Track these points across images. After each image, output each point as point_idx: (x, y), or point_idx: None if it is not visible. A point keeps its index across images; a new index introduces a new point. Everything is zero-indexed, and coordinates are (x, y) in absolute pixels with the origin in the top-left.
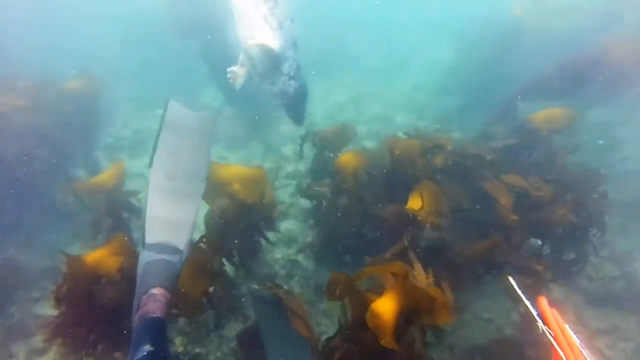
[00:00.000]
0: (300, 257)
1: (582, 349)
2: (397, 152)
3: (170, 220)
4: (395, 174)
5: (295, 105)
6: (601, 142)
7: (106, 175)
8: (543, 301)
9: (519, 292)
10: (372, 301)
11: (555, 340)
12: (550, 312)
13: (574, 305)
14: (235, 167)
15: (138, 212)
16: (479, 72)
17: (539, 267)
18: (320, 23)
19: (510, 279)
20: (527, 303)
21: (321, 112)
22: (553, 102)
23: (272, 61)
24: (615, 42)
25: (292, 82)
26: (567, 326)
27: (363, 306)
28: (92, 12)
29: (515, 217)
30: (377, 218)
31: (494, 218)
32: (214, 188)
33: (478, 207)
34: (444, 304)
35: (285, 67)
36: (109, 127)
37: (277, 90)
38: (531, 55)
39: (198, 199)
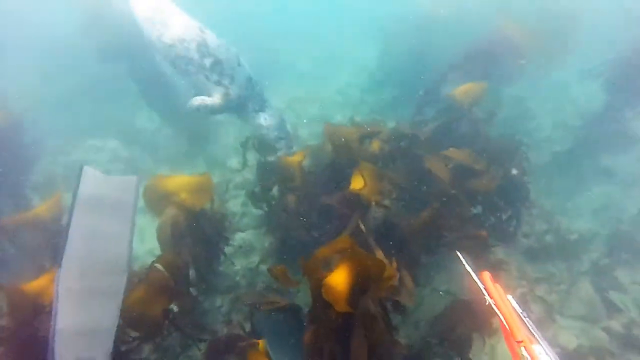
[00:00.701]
0: (261, 265)
1: (522, 317)
2: (336, 140)
3: (86, 330)
4: (337, 162)
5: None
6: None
7: (42, 208)
8: (486, 276)
9: (467, 267)
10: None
11: (498, 310)
12: (492, 285)
13: (515, 261)
14: (180, 176)
15: None
16: (405, 65)
17: (483, 233)
18: (253, 36)
19: (459, 254)
20: (475, 277)
21: None
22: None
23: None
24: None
25: (262, 114)
26: (509, 297)
27: (320, 285)
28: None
29: (454, 191)
30: (327, 209)
31: (436, 193)
32: (161, 200)
33: (418, 185)
34: (392, 272)
35: (250, 106)
36: (36, 165)
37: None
38: (447, 43)
39: (119, 295)
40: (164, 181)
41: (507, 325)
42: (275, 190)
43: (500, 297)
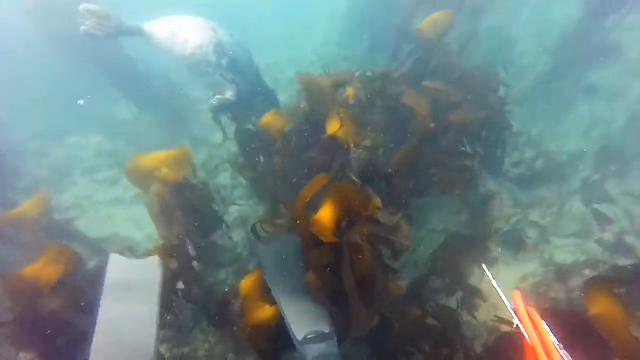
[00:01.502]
0: None
1: (558, 348)
2: (310, 90)
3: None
4: (313, 114)
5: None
6: None
7: (28, 204)
8: (517, 295)
9: (495, 285)
10: None
11: (526, 334)
12: (524, 307)
13: (508, 192)
14: (158, 153)
15: (74, 238)
16: (376, 11)
17: (467, 163)
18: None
19: (485, 269)
20: (502, 296)
21: None
22: None
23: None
24: None
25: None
26: (543, 323)
27: (307, 225)
28: None
29: (433, 125)
30: (311, 164)
31: (416, 129)
32: (144, 178)
33: (398, 124)
34: (376, 202)
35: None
36: (21, 169)
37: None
38: None
39: None
40: (144, 159)
41: (538, 352)
42: (261, 158)
43: (530, 320)
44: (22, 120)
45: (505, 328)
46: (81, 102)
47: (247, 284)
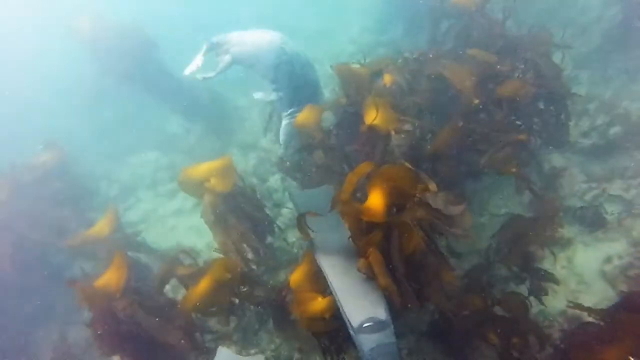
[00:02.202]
0: None
1: None
2: (348, 80)
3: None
4: (351, 104)
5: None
6: None
7: (101, 224)
8: None
9: None
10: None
11: None
12: None
13: (579, 165)
14: (204, 164)
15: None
16: None
17: (522, 137)
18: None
19: None
20: None
21: None
22: None
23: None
24: None
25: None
26: None
27: (356, 213)
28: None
29: (477, 101)
30: (353, 155)
31: (460, 106)
32: (196, 187)
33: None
34: (427, 185)
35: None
36: (94, 189)
37: None
38: None
39: None
40: (192, 171)
41: None
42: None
43: None
44: (87, 146)
45: (584, 315)
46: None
47: (296, 276)
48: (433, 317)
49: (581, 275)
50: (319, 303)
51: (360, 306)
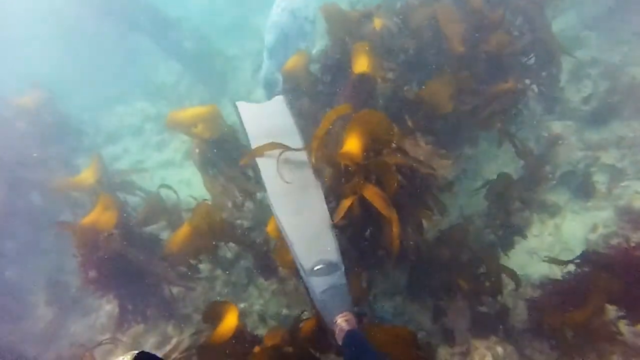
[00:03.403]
0: None
1: None
2: (334, 22)
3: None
4: (337, 49)
5: None
6: None
7: (86, 173)
8: None
9: None
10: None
11: None
12: None
13: (576, 132)
14: (191, 109)
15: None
16: None
17: (507, 86)
18: None
19: None
20: None
21: None
22: None
23: None
24: None
25: None
26: None
27: (335, 155)
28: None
29: (462, 49)
30: (340, 101)
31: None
32: (184, 130)
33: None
34: (400, 133)
35: None
36: (78, 138)
37: None
38: None
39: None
40: (179, 115)
41: None
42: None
43: None
44: (73, 89)
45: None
46: None
47: (273, 225)
48: (411, 275)
49: (566, 242)
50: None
51: (311, 249)
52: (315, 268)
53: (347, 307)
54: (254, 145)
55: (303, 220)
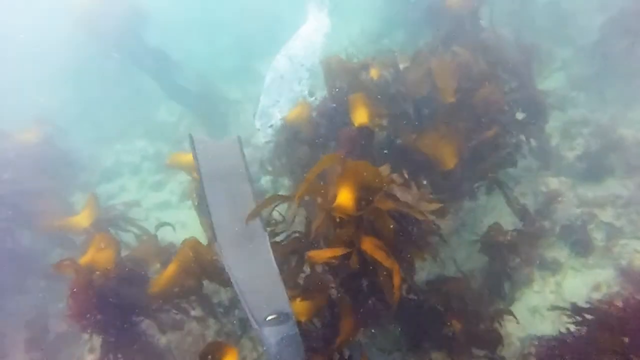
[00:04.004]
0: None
1: None
2: (335, 74)
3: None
4: (336, 97)
5: None
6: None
7: (82, 215)
8: None
9: None
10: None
11: None
12: None
13: (572, 188)
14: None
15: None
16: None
17: (490, 133)
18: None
19: None
20: None
21: None
22: None
23: None
24: None
25: None
26: None
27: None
28: None
29: (452, 99)
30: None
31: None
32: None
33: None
34: (393, 179)
35: None
36: (74, 175)
37: None
38: None
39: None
40: (179, 158)
41: None
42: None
43: None
44: (73, 125)
45: None
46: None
47: None
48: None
49: (569, 301)
50: None
51: (263, 299)
52: (268, 318)
53: (302, 356)
54: (205, 181)
55: (253, 270)
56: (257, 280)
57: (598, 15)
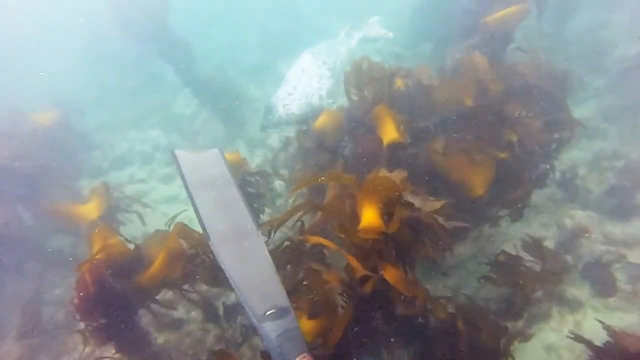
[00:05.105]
0: None
1: None
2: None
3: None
4: (359, 106)
5: None
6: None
7: (90, 206)
8: None
9: None
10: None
11: None
12: None
13: (598, 224)
14: None
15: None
16: (442, 11)
17: (502, 155)
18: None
19: None
20: None
21: None
22: None
23: None
24: None
25: None
26: None
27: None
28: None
29: (483, 117)
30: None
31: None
32: None
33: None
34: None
35: None
36: (86, 160)
37: None
38: None
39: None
40: None
41: None
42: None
43: None
44: (90, 109)
45: None
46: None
47: None
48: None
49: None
50: None
51: (260, 295)
52: (267, 313)
53: (304, 348)
54: (194, 194)
55: (248, 267)
56: (254, 277)
57: (636, 46)
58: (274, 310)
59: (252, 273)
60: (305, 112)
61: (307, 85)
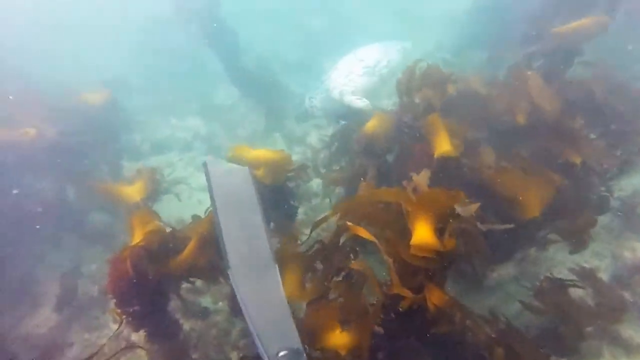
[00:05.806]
0: None
1: None
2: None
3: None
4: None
5: None
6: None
7: (134, 188)
8: None
9: None
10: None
11: None
12: None
13: None
14: (260, 150)
15: None
16: (500, 18)
17: (555, 179)
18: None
19: None
20: None
21: None
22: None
23: None
24: None
25: None
26: None
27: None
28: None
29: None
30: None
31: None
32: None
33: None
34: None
35: None
36: (128, 141)
37: None
38: None
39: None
40: (245, 152)
41: None
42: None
43: None
44: (137, 93)
45: None
46: None
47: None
48: None
49: None
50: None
51: (274, 333)
52: (280, 354)
53: None
54: (220, 214)
55: (264, 302)
56: (269, 313)
57: None
58: (287, 352)
59: (267, 309)
60: (325, 105)
61: (333, 80)
